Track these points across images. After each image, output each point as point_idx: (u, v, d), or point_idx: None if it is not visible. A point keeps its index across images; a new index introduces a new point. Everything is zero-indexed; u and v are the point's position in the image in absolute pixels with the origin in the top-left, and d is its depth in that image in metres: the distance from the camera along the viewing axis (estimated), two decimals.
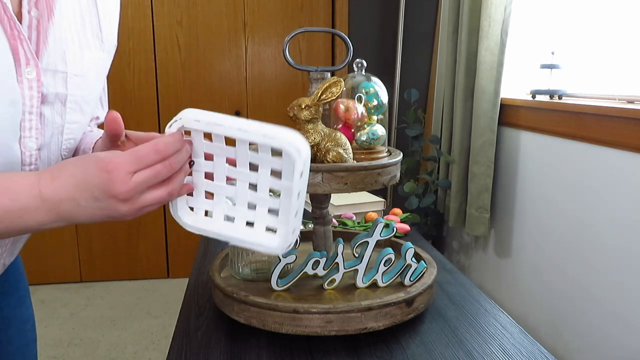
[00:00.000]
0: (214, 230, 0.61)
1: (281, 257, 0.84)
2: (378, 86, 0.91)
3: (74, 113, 0.68)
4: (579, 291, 1.60)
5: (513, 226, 1.97)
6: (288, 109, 0.81)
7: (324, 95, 0.80)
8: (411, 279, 0.87)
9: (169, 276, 3.00)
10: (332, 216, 1.05)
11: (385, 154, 0.90)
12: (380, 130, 0.89)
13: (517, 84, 2.07)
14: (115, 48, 0.76)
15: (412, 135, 2.44)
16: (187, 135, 0.59)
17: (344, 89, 0.86)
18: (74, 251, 2.88)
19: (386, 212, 1.48)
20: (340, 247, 0.84)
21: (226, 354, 0.77)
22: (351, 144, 0.85)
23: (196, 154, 0.59)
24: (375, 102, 0.89)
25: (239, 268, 0.91)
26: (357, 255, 0.87)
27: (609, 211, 1.47)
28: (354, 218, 1.40)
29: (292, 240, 0.60)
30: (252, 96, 2.88)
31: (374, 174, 0.81)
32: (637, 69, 1.58)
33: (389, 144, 2.05)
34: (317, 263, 0.84)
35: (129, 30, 2.70)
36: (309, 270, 0.84)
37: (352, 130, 0.89)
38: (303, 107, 0.80)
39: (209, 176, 0.61)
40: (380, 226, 0.86)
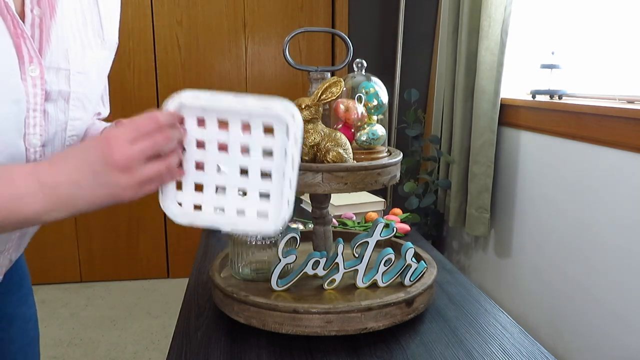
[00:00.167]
0: (205, 220, 0.62)
1: (281, 257, 0.84)
2: (378, 86, 0.91)
3: (77, 110, 0.68)
4: (579, 291, 1.60)
5: (513, 226, 1.97)
6: None
7: (324, 95, 0.80)
8: (411, 279, 0.87)
9: (169, 276, 3.00)
10: (332, 216, 1.05)
11: (385, 154, 0.90)
12: (380, 130, 0.89)
13: (517, 84, 2.07)
14: (117, 46, 0.76)
15: (412, 135, 2.44)
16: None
17: (344, 89, 0.86)
18: (74, 251, 2.88)
19: (386, 212, 1.48)
20: (340, 247, 0.84)
21: (226, 354, 0.77)
22: (351, 144, 0.85)
23: (187, 142, 0.60)
24: (375, 102, 0.89)
25: (239, 268, 0.91)
26: (357, 255, 0.87)
27: (609, 211, 1.47)
28: (354, 218, 1.40)
29: (286, 215, 0.60)
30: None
31: (374, 174, 0.81)
32: (637, 69, 1.58)
33: (389, 144, 2.04)
34: (317, 263, 0.84)
35: (129, 30, 2.70)
36: (309, 270, 0.84)
37: (352, 130, 0.89)
38: (303, 107, 0.80)
39: (198, 167, 0.62)
40: (380, 226, 0.86)
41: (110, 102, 0.87)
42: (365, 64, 0.95)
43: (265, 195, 0.61)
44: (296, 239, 0.89)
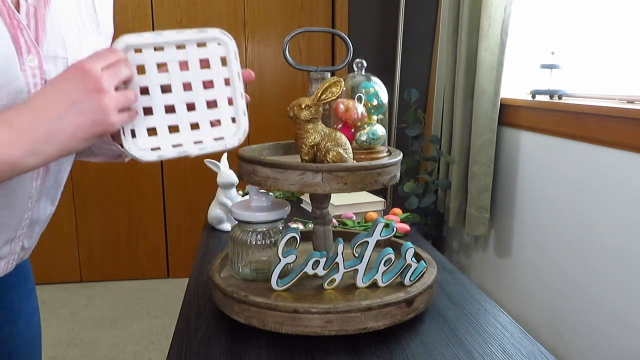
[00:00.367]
0: (168, 153, 0.66)
1: (281, 257, 0.84)
2: (378, 86, 0.91)
3: None
4: (579, 291, 1.60)
5: (513, 226, 1.97)
6: (288, 109, 0.81)
7: (324, 95, 0.80)
8: (411, 279, 0.87)
9: (169, 276, 3.00)
10: (332, 216, 1.05)
11: (385, 154, 0.90)
12: (380, 130, 0.89)
13: (517, 84, 2.07)
14: (112, 35, 0.77)
15: (412, 135, 2.44)
16: None
17: (344, 89, 0.86)
18: (74, 251, 2.88)
19: (386, 212, 1.48)
20: (340, 247, 0.84)
21: (226, 354, 0.77)
22: (351, 144, 0.85)
23: (134, 86, 0.65)
24: (375, 102, 0.89)
25: (239, 268, 0.91)
26: (357, 255, 0.87)
27: (609, 211, 1.47)
28: (354, 218, 1.40)
29: (246, 124, 0.69)
30: (252, 96, 2.85)
31: (374, 174, 0.81)
32: (637, 69, 1.58)
33: (389, 144, 2.05)
34: (317, 263, 0.84)
35: (129, 30, 2.65)
36: (309, 270, 0.84)
37: (352, 130, 0.89)
38: (303, 107, 0.80)
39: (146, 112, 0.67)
40: (380, 226, 0.86)
41: None
42: (365, 64, 0.95)
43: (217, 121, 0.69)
44: (296, 238, 0.89)
